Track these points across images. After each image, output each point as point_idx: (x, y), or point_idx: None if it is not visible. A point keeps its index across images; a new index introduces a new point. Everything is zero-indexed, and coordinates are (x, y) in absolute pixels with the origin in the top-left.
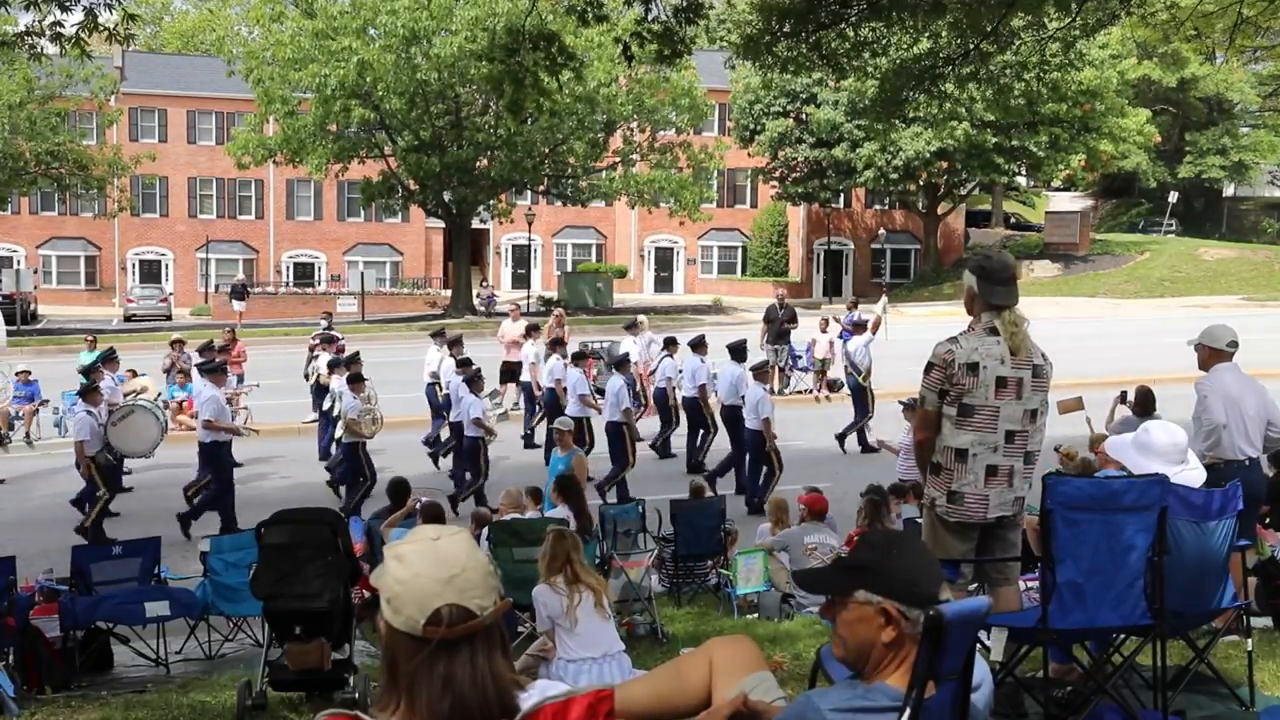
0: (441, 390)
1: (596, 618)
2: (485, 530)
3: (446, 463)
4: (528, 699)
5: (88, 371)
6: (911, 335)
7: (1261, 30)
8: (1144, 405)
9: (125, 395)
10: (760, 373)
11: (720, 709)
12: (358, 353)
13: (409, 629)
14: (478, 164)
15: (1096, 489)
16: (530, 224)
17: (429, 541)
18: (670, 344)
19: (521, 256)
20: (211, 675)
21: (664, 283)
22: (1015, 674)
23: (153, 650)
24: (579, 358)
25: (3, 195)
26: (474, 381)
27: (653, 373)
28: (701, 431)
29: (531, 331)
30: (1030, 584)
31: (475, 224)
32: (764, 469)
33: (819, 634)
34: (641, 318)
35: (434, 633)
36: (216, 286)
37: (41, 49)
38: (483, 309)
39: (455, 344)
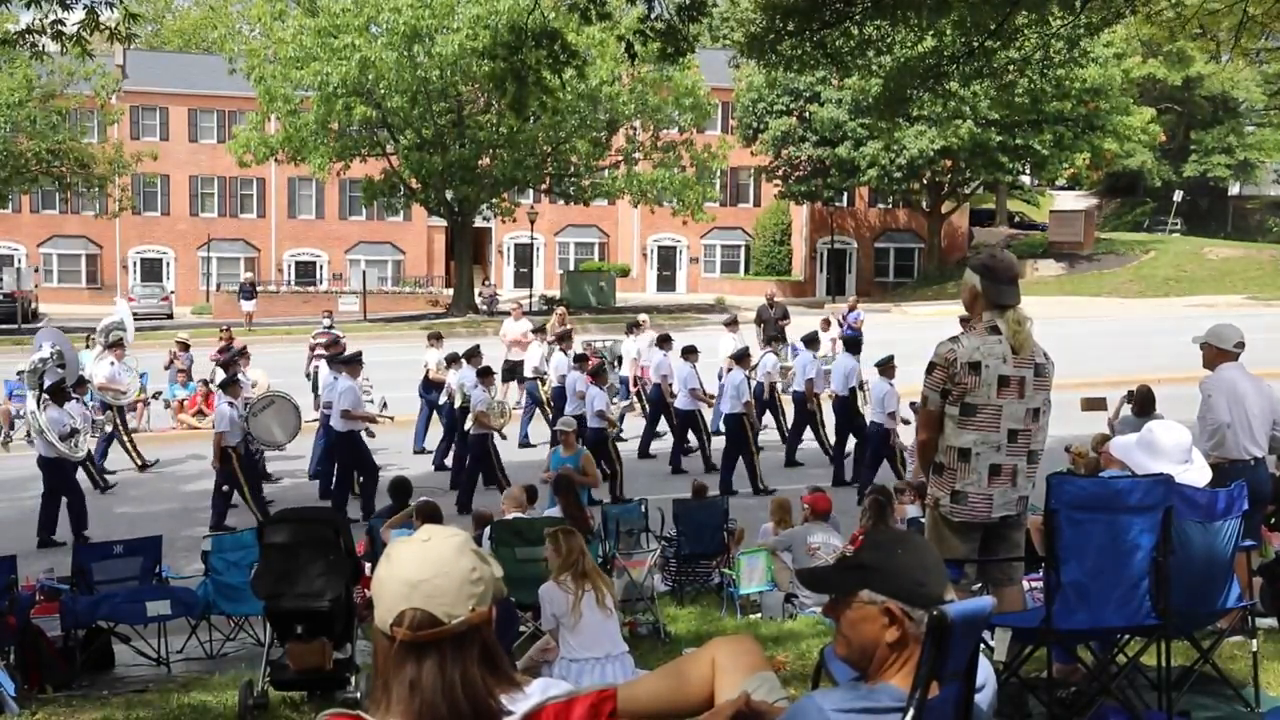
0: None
1: (599, 615)
2: (487, 530)
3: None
4: (529, 699)
5: (226, 365)
6: (914, 335)
7: (1267, 29)
8: (1143, 405)
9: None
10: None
11: (723, 709)
12: (477, 346)
13: (381, 627)
14: (480, 162)
15: (1101, 489)
16: (533, 223)
17: (419, 543)
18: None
19: (524, 255)
20: (213, 675)
21: (666, 282)
22: (1019, 674)
23: (154, 649)
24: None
25: (4, 194)
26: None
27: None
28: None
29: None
30: (1034, 584)
31: (477, 223)
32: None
33: (822, 634)
34: (643, 317)
35: (396, 634)
36: (218, 285)
37: (43, 47)
38: (485, 308)
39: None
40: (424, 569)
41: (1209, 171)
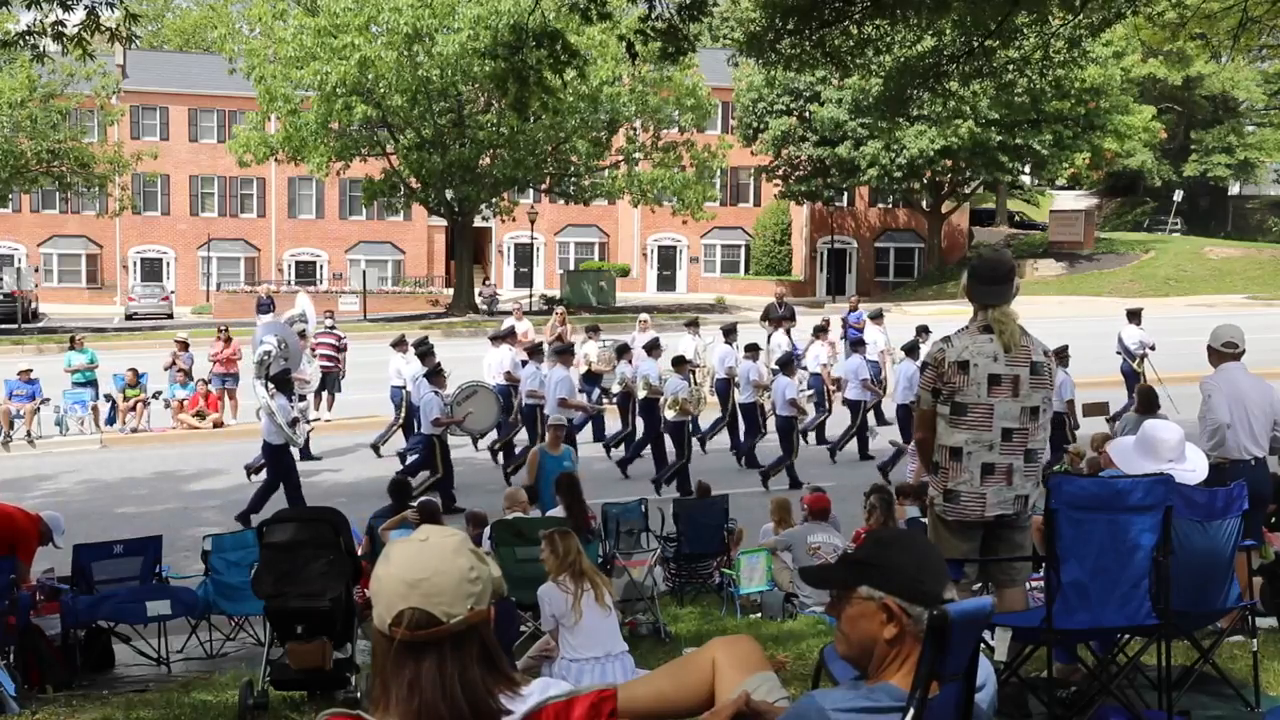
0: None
1: (598, 613)
2: (487, 530)
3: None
4: (528, 699)
5: (423, 356)
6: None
7: (1267, 29)
8: (1146, 404)
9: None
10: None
11: (723, 709)
12: (657, 338)
13: (380, 627)
14: (480, 162)
15: (1101, 488)
16: (533, 222)
17: (418, 543)
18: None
19: (524, 255)
20: (213, 674)
21: (667, 281)
22: (1019, 674)
23: (154, 649)
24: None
25: (4, 193)
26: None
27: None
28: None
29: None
30: (1035, 584)
31: (477, 222)
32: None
33: (822, 634)
34: (644, 316)
35: (395, 634)
36: (219, 285)
37: (43, 48)
38: (485, 308)
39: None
40: (422, 568)
41: (1209, 171)
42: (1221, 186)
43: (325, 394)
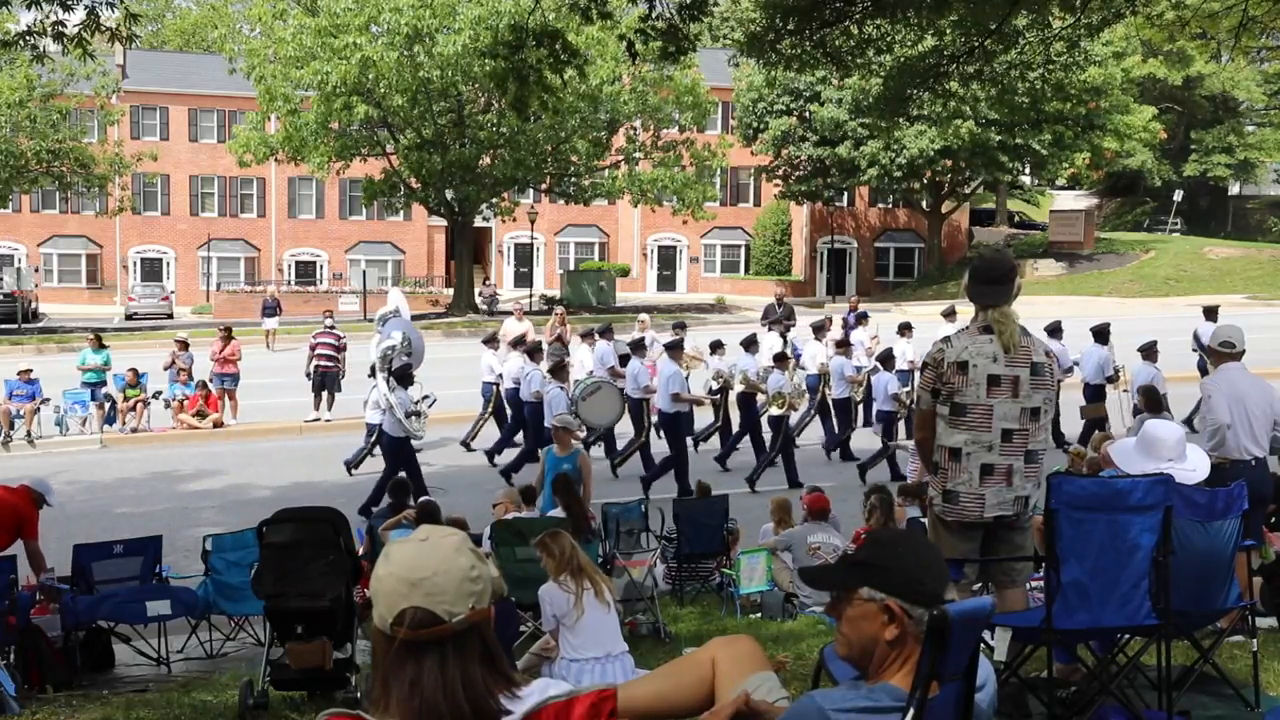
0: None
1: (599, 610)
2: (487, 530)
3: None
4: (528, 698)
5: (532, 353)
6: (915, 335)
7: (1268, 29)
8: (1151, 403)
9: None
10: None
11: (723, 708)
12: (754, 335)
13: (381, 626)
14: (480, 162)
15: (1101, 488)
16: (533, 222)
17: (417, 542)
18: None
19: (524, 255)
20: (213, 674)
21: (667, 281)
22: (1019, 674)
23: (154, 649)
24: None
25: (4, 193)
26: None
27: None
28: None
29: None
30: (1035, 584)
31: (478, 222)
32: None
33: (822, 634)
34: (644, 316)
35: (397, 633)
36: (219, 285)
37: (43, 48)
38: (485, 308)
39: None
40: (423, 567)
41: (1209, 171)
42: (1221, 186)
43: (325, 394)
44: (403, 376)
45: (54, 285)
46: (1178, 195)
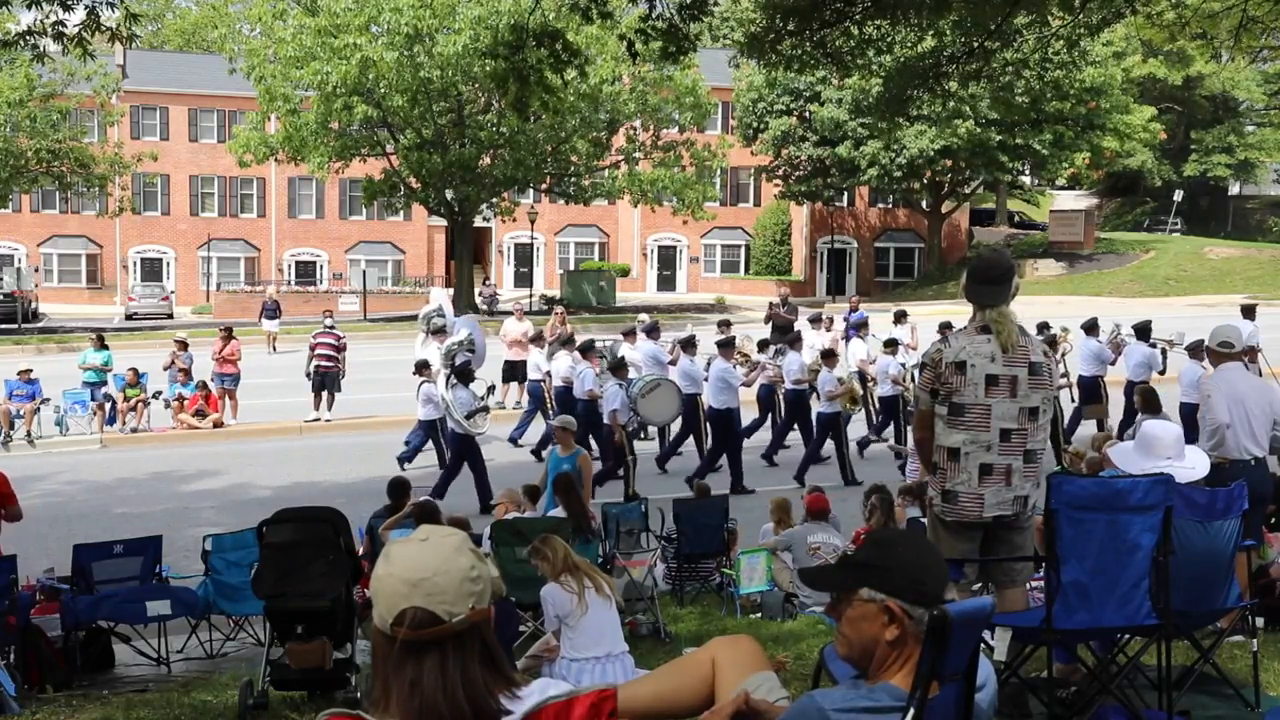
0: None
1: (602, 605)
2: (487, 530)
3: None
4: (528, 698)
5: (585, 351)
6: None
7: (1268, 29)
8: (1149, 403)
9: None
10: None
11: (723, 708)
12: (799, 333)
13: (381, 627)
14: (480, 162)
15: (1101, 488)
16: (533, 222)
17: (418, 543)
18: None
19: (524, 255)
20: (213, 674)
21: (667, 281)
22: (1019, 674)
23: (154, 649)
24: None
25: (4, 193)
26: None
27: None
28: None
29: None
30: (1035, 584)
31: (478, 222)
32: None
33: (822, 634)
34: (644, 316)
35: (397, 633)
36: (219, 285)
37: (44, 48)
38: (485, 308)
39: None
40: (424, 568)
41: (1209, 171)
42: (1221, 186)
43: (325, 394)
44: (463, 374)
45: (54, 285)
46: (1178, 195)
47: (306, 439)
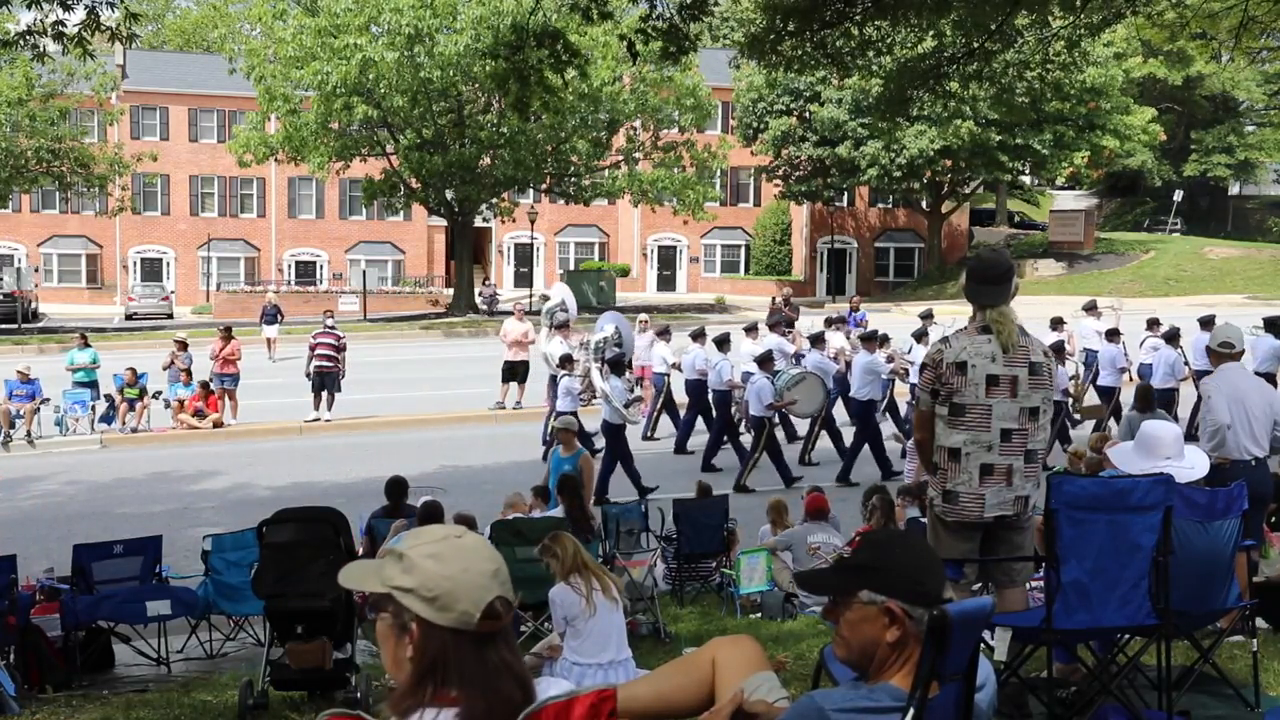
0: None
1: (608, 606)
2: (487, 530)
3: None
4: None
5: (719, 343)
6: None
7: (1268, 29)
8: (1144, 403)
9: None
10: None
11: (722, 708)
12: (876, 330)
13: (461, 624)
14: (480, 162)
15: (1101, 488)
16: (533, 222)
17: (454, 539)
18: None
19: (524, 255)
20: (213, 674)
21: (667, 281)
22: (1019, 674)
23: (154, 649)
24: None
25: (4, 193)
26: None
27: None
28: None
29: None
30: (1035, 584)
31: (478, 222)
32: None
33: (822, 634)
34: (644, 316)
35: (484, 626)
36: (219, 285)
37: (43, 48)
38: (485, 308)
39: (870, 339)
40: (491, 557)
41: (1209, 171)
42: (1221, 186)
43: (325, 394)
44: (615, 365)
45: (54, 285)
46: (1178, 195)
47: (306, 439)
